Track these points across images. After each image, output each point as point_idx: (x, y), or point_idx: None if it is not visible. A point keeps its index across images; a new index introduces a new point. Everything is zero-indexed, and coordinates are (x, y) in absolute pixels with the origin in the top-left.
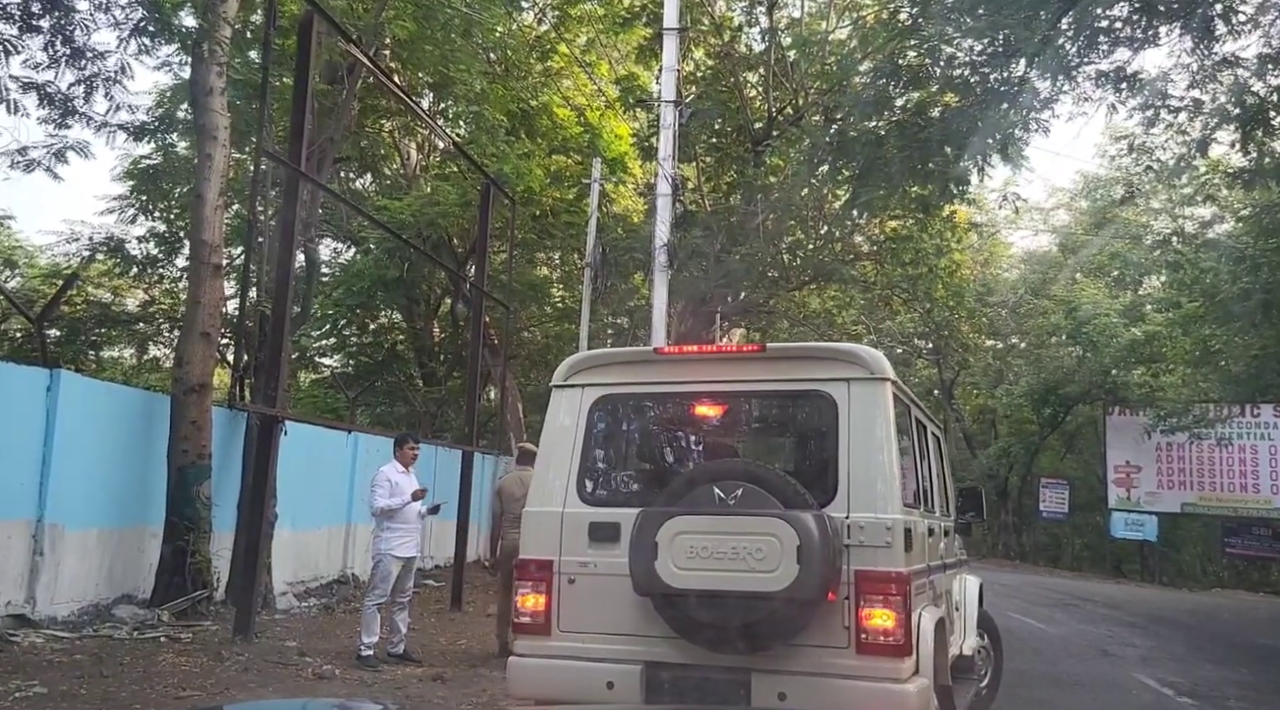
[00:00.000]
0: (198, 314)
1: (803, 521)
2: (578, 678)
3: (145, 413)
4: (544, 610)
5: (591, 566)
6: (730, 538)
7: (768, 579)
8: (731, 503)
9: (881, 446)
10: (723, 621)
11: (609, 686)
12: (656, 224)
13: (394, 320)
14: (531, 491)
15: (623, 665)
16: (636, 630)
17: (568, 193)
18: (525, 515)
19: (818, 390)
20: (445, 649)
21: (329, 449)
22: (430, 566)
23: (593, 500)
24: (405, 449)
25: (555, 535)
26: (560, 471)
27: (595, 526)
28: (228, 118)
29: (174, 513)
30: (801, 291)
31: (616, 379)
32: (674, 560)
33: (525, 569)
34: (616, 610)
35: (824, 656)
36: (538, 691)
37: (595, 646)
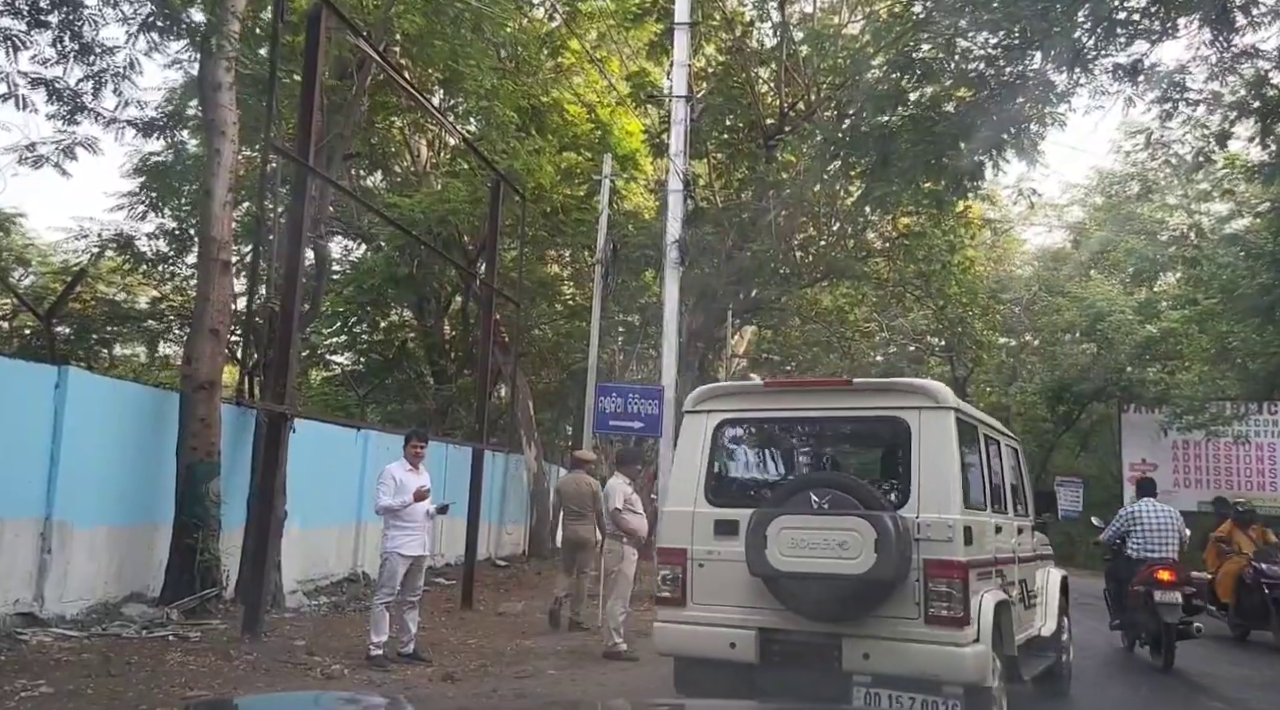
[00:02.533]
0: (206, 311)
1: (879, 520)
2: (707, 639)
3: (154, 410)
4: (680, 587)
5: (716, 554)
6: (823, 532)
7: (852, 564)
8: (824, 505)
9: (946, 461)
10: (818, 597)
11: (731, 646)
12: (668, 220)
13: (405, 318)
14: (668, 495)
15: (741, 630)
16: (752, 603)
17: (579, 190)
18: (664, 513)
19: (894, 416)
20: (456, 648)
21: (339, 446)
22: (441, 564)
23: (717, 502)
24: (409, 447)
25: (688, 529)
26: (691, 479)
27: (719, 523)
28: (236, 113)
29: (183, 511)
30: (813, 289)
31: (734, 406)
32: (780, 549)
33: (664, 554)
34: (736, 588)
35: (899, 626)
36: (675, 648)
37: (720, 615)
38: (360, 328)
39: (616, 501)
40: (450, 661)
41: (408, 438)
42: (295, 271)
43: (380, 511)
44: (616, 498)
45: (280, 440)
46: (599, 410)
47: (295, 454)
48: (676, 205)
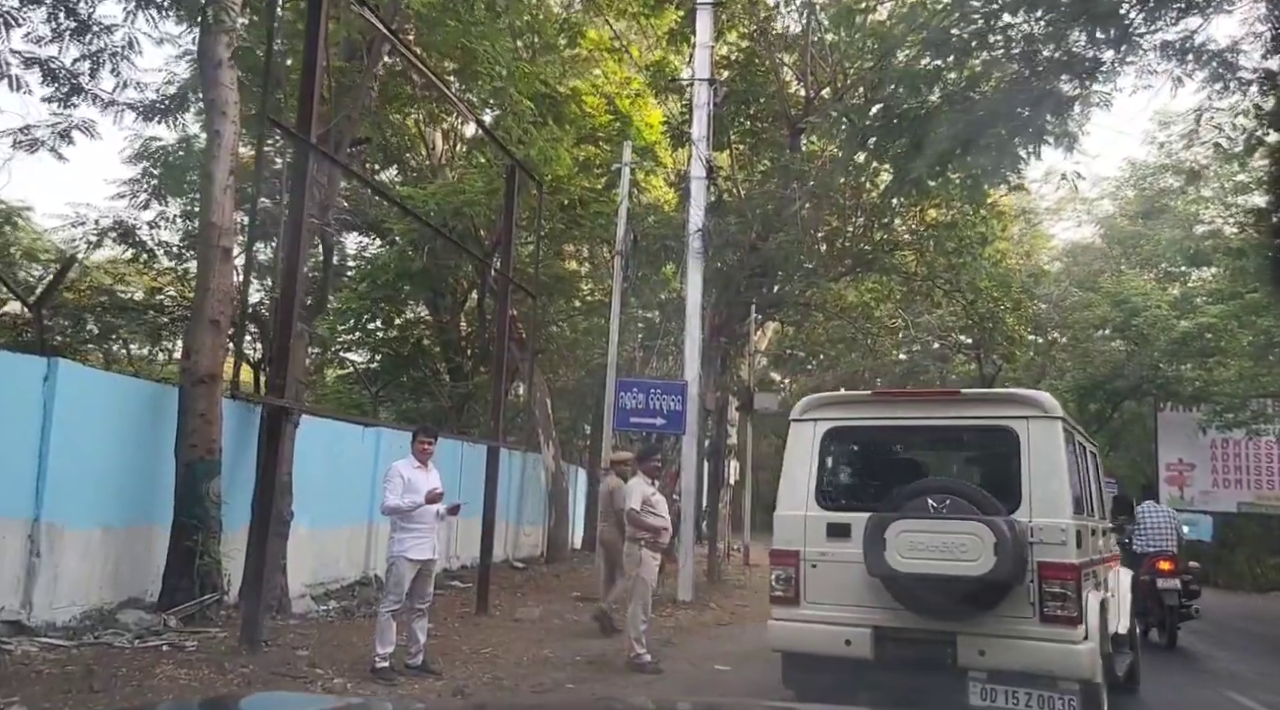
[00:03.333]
0: (206, 301)
1: (998, 524)
2: (822, 636)
3: (152, 405)
4: (793, 586)
5: (829, 555)
6: (941, 536)
7: (971, 566)
8: (941, 510)
9: (1056, 468)
10: (937, 596)
11: (846, 643)
12: (691, 208)
13: (419, 314)
14: (779, 499)
15: (856, 628)
16: (866, 602)
17: (597, 182)
18: (776, 517)
19: (1003, 425)
20: (468, 658)
21: (350, 444)
22: (456, 567)
23: (827, 506)
24: (417, 443)
25: (800, 532)
26: (801, 484)
27: (831, 526)
28: (237, 92)
29: (182, 511)
30: (838, 283)
31: (842, 414)
32: (899, 552)
33: (777, 556)
34: (850, 587)
35: (1014, 624)
36: (791, 645)
37: (834, 614)
38: (374, 324)
39: (634, 502)
40: (461, 673)
41: (415, 434)
42: (295, 258)
43: (387, 512)
44: (634, 498)
45: (280, 436)
46: (619, 406)
47: (303, 452)
48: (699, 193)
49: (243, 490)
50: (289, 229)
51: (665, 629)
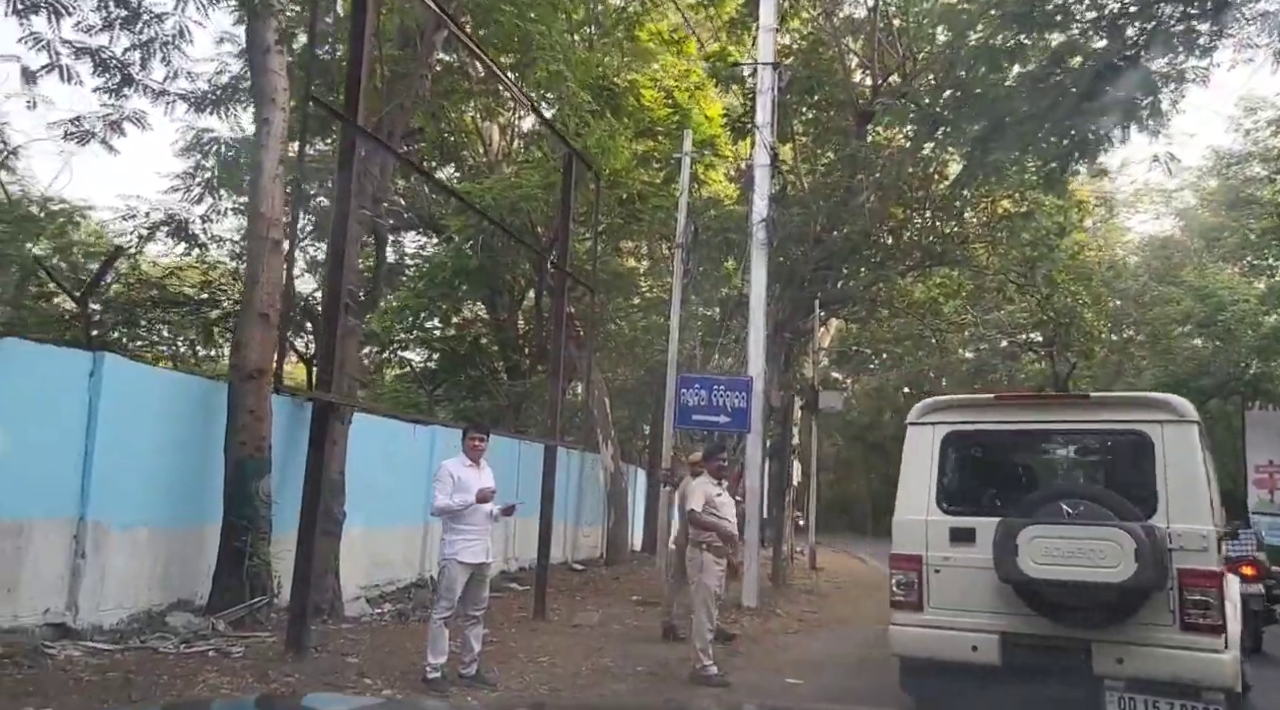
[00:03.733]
0: (256, 294)
1: (1138, 531)
2: (947, 641)
3: (201, 401)
4: (915, 591)
5: (953, 560)
6: (1078, 541)
7: (1111, 573)
8: (1077, 515)
9: (1194, 473)
10: (1072, 603)
11: (973, 649)
12: (755, 197)
13: (477, 313)
14: (898, 504)
15: (984, 634)
16: (993, 608)
17: (655, 176)
18: (895, 521)
19: (1135, 429)
20: (524, 667)
21: (405, 443)
22: (515, 568)
23: (949, 510)
24: (468, 440)
25: (921, 536)
26: (921, 488)
27: (954, 530)
28: (287, 79)
29: (231, 511)
30: (905, 279)
31: (963, 418)
32: (1032, 557)
33: (898, 560)
34: (975, 593)
35: (1154, 632)
36: (914, 650)
37: (959, 619)
38: (432, 323)
39: (695, 502)
40: (517, 684)
41: (466, 430)
42: (341, 247)
43: (437, 513)
44: (696, 498)
45: (327, 432)
46: (681, 403)
47: (357, 450)
48: (763, 181)
49: (294, 489)
50: (335, 216)
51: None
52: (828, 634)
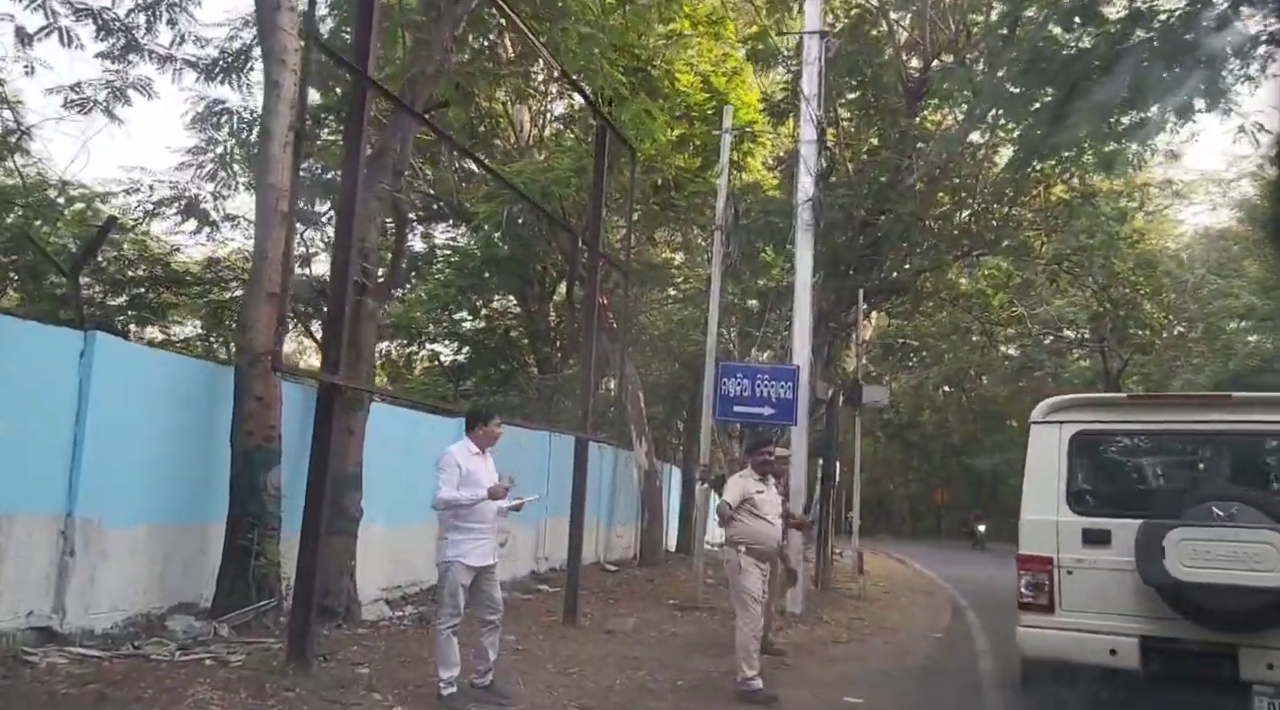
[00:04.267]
0: (264, 270)
1: None
2: (1083, 644)
3: (205, 386)
4: (1046, 593)
5: (1086, 562)
6: (1231, 545)
7: (1267, 577)
8: (1229, 517)
9: None
10: (1226, 607)
11: (1111, 653)
12: (800, 175)
13: (507, 305)
14: (1025, 504)
15: (1122, 637)
16: (1132, 611)
17: (692, 162)
18: (1023, 522)
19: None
20: (551, 681)
21: (431, 435)
22: (545, 569)
23: (1081, 511)
24: (481, 427)
25: (1053, 537)
26: (1049, 488)
27: (1088, 532)
28: (298, 39)
29: (237, 506)
30: (955, 267)
31: (1093, 417)
32: (1180, 560)
33: (1027, 561)
34: (1113, 595)
35: None
36: (1046, 653)
37: (1095, 622)
38: (460, 314)
39: (730, 495)
40: (543, 700)
41: (475, 416)
42: (350, 211)
43: (443, 506)
44: (731, 492)
45: (332, 418)
46: (721, 394)
47: (376, 442)
48: (810, 157)
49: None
50: (345, 178)
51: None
52: (881, 644)
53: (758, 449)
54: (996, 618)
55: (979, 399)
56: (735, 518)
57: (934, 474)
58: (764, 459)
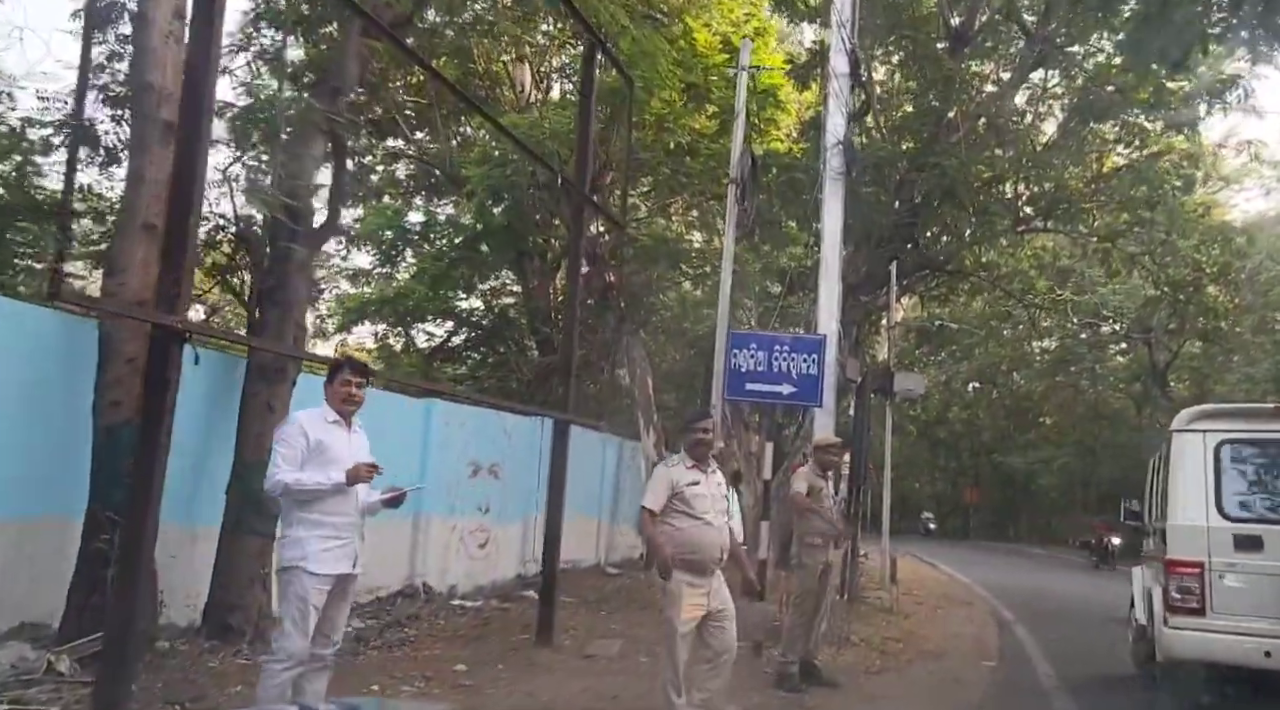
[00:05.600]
0: (140, 197)
1: None
2: (1236, 647)
3: (62, 345)
4: (1197, 596)
5: (1239, 566)
6: None
7: None
8: None
9: None
10: None
11: (1266, 655)
12: (830, 115)
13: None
14: (1172, 510)
15: (1273, 639)
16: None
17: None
18: (1171, 526)
19: None
20: None
21: (392, 417)
22: (533, 573)
23: (1232, 517)
24: (339, 384)
25: (1203, 543)
26: (1197, 495)
27: (1239, 537)
28: None
29: (97, 497)
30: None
31: (1239, 426)
32: None
33: (1176, 566)
34: (1268, 599)
35: None
36: (1195, 654)
37: (1249, 625)
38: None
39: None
40: None
41: (338, 367)
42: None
43: (279, 491)
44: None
45: (168, 373)
46: (732, 368)
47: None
48: (842, 92)
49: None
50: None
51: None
52: (924, 674)
53: (691, 426)
54: (1052, 633)
55: (1011, 395)
56: (661, 520)
57: (962, 473)
58: (698, 440)
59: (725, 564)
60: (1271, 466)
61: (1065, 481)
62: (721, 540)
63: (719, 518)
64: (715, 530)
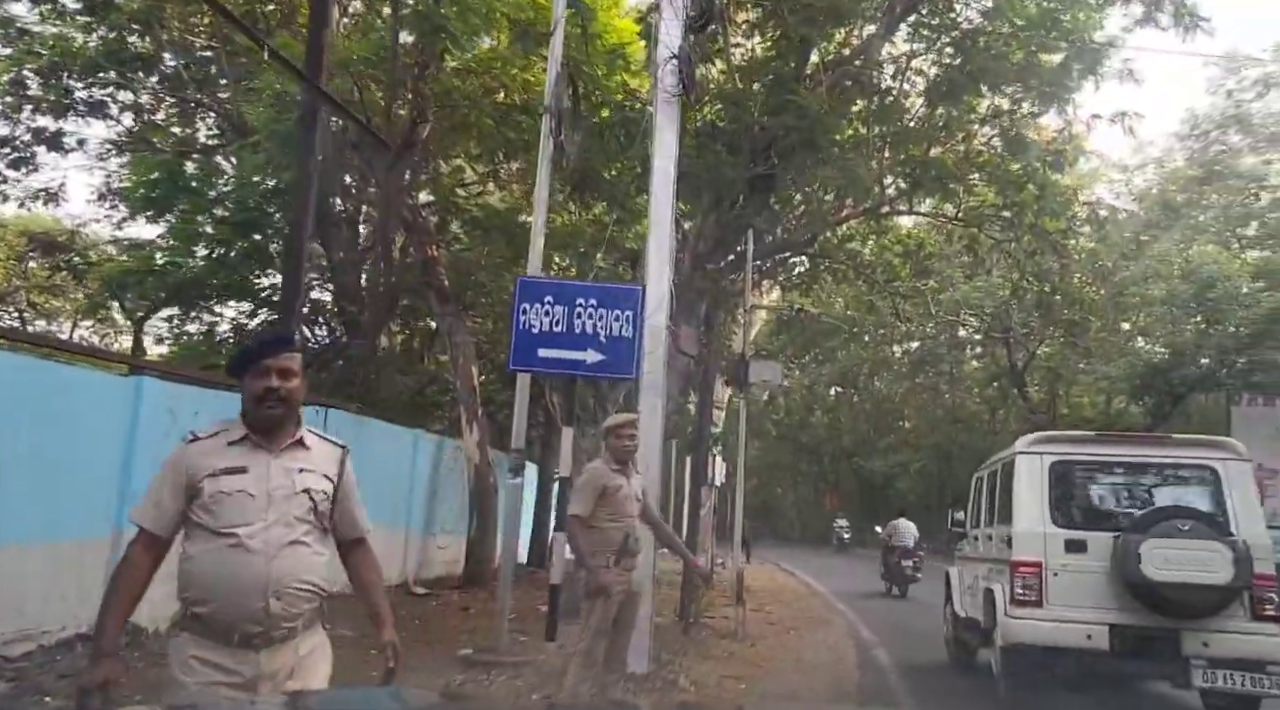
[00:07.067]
0: None
1: (1237, 543)
2: (1063, 632)
3: None
4: (1036, 591)
5: (1068, 566)
6: (1191, 552)
7: (1215, 577)
8: (1188, 531)
9: (1254, 499)
10: (1187, 601)
11: (1087, 638)
12: (661, 25)
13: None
14: (1016, 518)
15: (1096, 625)
16: (1103, 605)
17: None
18: (1016, 532)
19: (1207, 464)
20: None
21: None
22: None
23: (1061, 524)
24: None
25: (1041, 546)
26: (1036, 506)
27: (1069, 541)
28: None
29: None
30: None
31: (1067, 449)
32: (1153, 564)
33: (1020, 566)
34: (1087, 593)
35: (1230, 621)
36: (1034, 640)
37: (1074, 614)
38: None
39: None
40: None
41: None
42: None
43: None
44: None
45: None
46: (520, 327)
47: None
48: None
49: None
50: None
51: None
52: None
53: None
54: (918, 658)
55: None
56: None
57: (824, 478)
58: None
59: None
60: (1091, 483)
61: (924, 484)
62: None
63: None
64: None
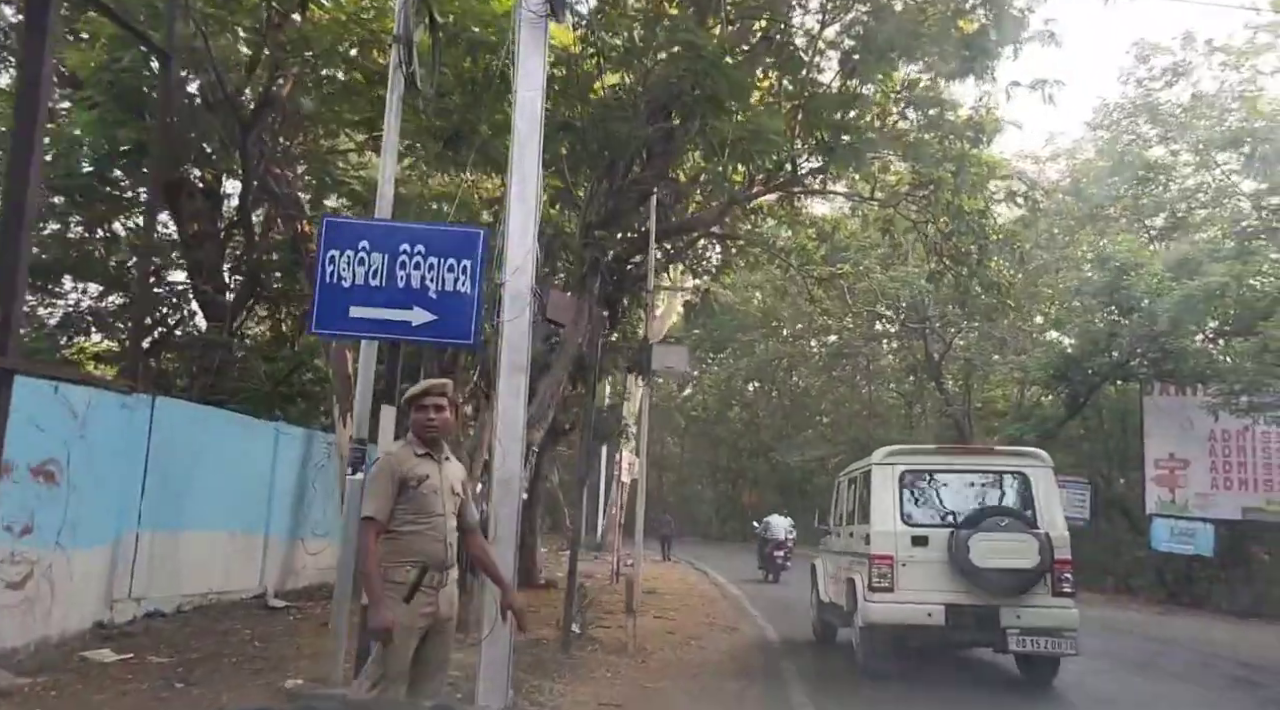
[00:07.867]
0: None
1: (1041, 536)
2: (910, 611)
3: None
4: (889, 580)
5: (914, 558)
6: (1007, 543)
7: (1027, 563)
8: (1006, 526)
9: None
10: (1005, 583)
11: (928, 616)
12: None
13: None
14: (873, 520)
15: (933, 605)
16: (940, 588)
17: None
18: (873, 532)
19: (1019, 471)
20: None
21: None
22: (130, 617)
23: (909, 523)
24: None
25: (893, 542)
26: (890, 508)
27: (914, 538)
28: None
29: None
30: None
31: (913, 460)
32: (979, 554)
33: (878, 559)
34: (929, 579)
35: (1037, 597)
36: (888, 620)
37: (918, 597)
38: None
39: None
40: None
41: None
42: None
43: None
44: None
45: None
46: (323, 281)
47: None
48: None
49: None
50: None
51: None
52: None
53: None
54: (835, 663)
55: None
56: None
57: (742, 474)
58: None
59: None
60: (932, 488)
61: None
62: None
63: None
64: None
